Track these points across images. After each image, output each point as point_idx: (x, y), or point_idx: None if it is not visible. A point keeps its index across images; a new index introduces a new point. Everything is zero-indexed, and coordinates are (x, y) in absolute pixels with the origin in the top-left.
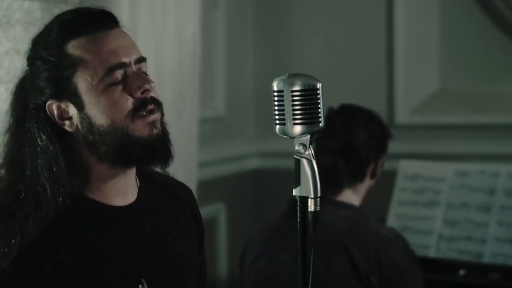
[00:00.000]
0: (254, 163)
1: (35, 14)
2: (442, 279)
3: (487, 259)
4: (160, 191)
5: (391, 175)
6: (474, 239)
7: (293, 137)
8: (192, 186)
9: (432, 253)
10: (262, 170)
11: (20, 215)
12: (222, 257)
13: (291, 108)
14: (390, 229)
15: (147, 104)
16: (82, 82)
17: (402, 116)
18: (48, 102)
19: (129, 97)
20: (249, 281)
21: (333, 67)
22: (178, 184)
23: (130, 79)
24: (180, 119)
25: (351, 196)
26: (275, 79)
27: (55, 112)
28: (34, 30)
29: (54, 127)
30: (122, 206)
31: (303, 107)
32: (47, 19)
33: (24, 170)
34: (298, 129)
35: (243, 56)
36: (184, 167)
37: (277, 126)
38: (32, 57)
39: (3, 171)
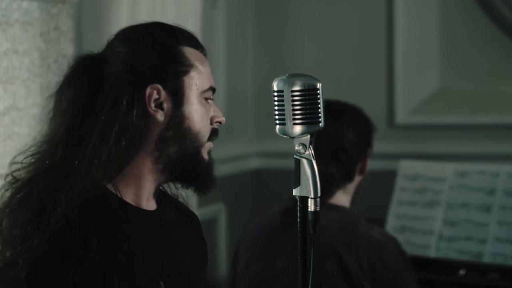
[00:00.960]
0: (254, 163)
1: (33, 14)
2: (442, 279)
3: (487, 259)
4: (173, 209)
5: (391, 175)
6: (474, 239)
7: (293, 137)
8: None
9: (432, 253)
10: (262, 170)
11: (70, 183)
12: (222, 257)
13: (291, 108)
14: (381, 232)
15: (216, 135)
16: (191, 84)
17: (402, 116)
18: (152, 85)
19: (209, 121)
20: (243, 285)
21: (333, 67)
22: (186, 207)
23: (212, 107)
24: None
25: (342, 197)
26: (275, 79)
27: (154, 96)
28: (33, 30)
29: (146, 110)
30: (148, 210)
31: (303, 107)
32: (46, 19)
33: (91, 133)
34: (298, 129)
35: (243, 56)
36: None
37: (277, 126)
38: (137, 41)
39: (50, 145)
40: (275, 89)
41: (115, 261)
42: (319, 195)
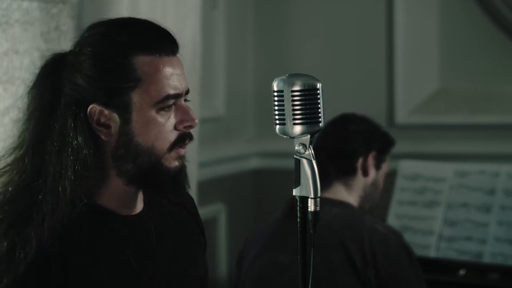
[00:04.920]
0: (254, 163)
1: (33, 14)
2: (442, 279)
3: (487, 259)
4: (164, 200)
5: (391, 175)
6: (474, 239)
7: (293, 137)
8: (192, 186)
9: (432, 253)
10: (262, 170)
11: (37, 219)
12: (222, 257)
13: (291, 108)
14: (385, 225)
15: (186, 139)
16: (138, 99)
17: (402, 116)
18: (93, 105)
19: (172, 128)
20: (248, 281)
21: (333, 67)
22: (180, 193)
23: (179, 111)
24: None
25: (345, 194)
26: (275, 79)
27: (96, 116)
28: (33, 30)
29: (91, 130)
30: (130, 215)
31: (303, 107)
32: (46, 19)
33: (47, 165)
34: (298, 129)
35: (243, 56)
36: None
37: (277, 126)
38: (84, 53)
39: (19, 154)
40: (275, 89)
41: (95, 277)
42: (319, 195)
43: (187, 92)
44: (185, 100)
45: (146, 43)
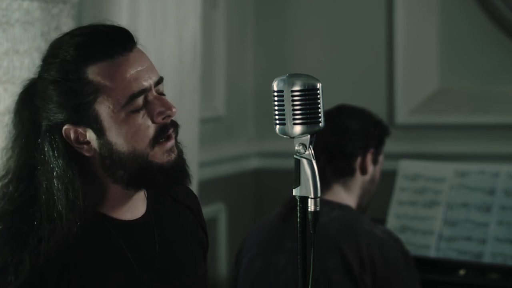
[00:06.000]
0: (254, 163)
1: (34, 14)
2: (442, 279)
3: (487, 259)
4: (167, 201)
5: (391, 175)
6: (474, 239)
7: (293, 137)
8: (193, 186)
9: (432, 253)
10: (262, 170)
11: (33, 244)
12: (222, 257)
13: (291, 108)
14: (383, 229)
15: (168, 130)
16: (104, 109)
17: (402, 116)
18: (65, 127)
19: (150, 123)
20: (246, 282)
21: (333, 67)
22: (184, 190)
23: (152, 105)
24: (180, 119)
25: (344, 195)
26: (275, 79)
27: (72, 136)
28: (33, 30)
29: (70, 151)
30: (132, 219)
31: (303, 107)
32: (46, 19)
33: (38, 192)
34: (298, 129)
35: (243, 56)
36: None
37: (277, 126)
38: (45, 79)
39: (4, 182)
40: (275, 89)
41: (97, 286)
42: (319, 195)
43: (159, 82)
44: (160, 93)
45: (94, 52)
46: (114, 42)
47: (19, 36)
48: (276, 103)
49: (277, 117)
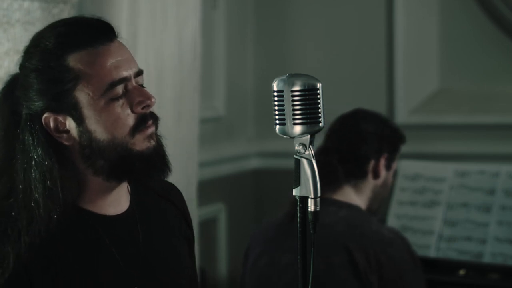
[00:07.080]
0: (254, 163)
1: (35, 14)
2: (442, 279)
3: (487, 259)
4: (151, 196)
5: None
6: (474, 239)
7: (293, 137)
8: (192, 186)
9: (432, 253)
10: (262, 170)
11: (13, 235)
12: (222, 257)
13: (291, 108)
14: (391, 229)
15: (147, 120)
16: (83, 96)
17: (402, 116)
18: (45, 115)
19: (130, 112)
20: (250, 281)
21: (333, 67)
22: (167, 185)
23: (132, 94)
24: (180, 119)
25: (354, 196)
26: (275, 79)
27: (52, 124)
28: (34, 30)
29: (50, 139)
30: (115, 215)
31: (303, 107)
32: (47, 19)
33: (15, 183)
34: (298, 129)
35: (243, 56)
36: (184, 167)
37: (277, 126)
38: (26, 68)
39: None
40: (275, 89)
41: (81, 282)
42: (319, 195)
43: (139, 73)
44: (140, 85)
45: (76, 40)
46: (96, 31)
47: (20, 36)
48: (276, 103)
49: (277, 117)
